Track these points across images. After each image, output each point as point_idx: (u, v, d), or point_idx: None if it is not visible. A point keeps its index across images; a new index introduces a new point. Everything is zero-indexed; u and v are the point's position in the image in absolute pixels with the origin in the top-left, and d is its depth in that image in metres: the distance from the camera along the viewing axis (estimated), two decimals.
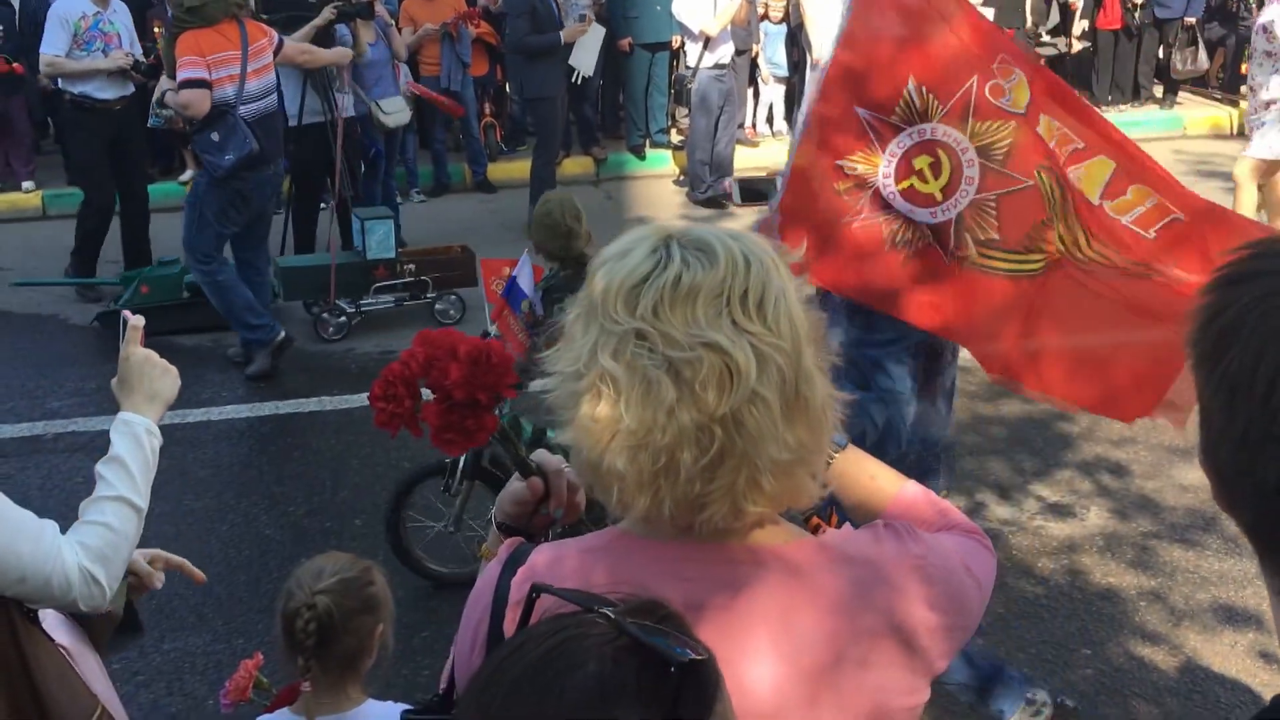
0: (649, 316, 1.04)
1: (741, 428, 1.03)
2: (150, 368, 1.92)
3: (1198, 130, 10.56)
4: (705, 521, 1.08)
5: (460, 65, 9.18)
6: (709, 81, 8.47)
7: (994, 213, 2.36)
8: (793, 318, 1.07)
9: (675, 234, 1.10)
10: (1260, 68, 6.37)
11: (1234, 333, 0.74)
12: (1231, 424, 0.74)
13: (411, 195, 9.25)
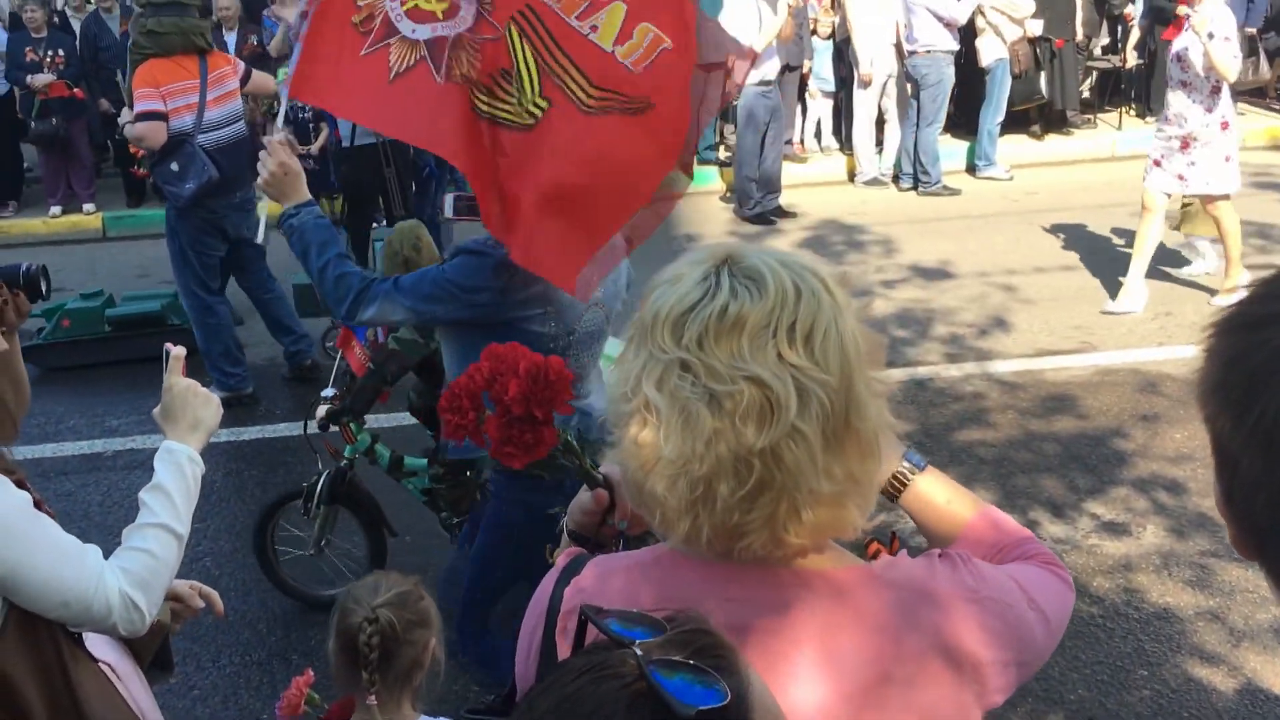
0: (693, 347, 1.03)
1: (780, 462, 1.02)
2: (193, 397, 1.96)
3: (1256, 141, 10.37)
4: (744, 549, 1.07)
5: None
6: (755, 98, 8.47)
7: (476, 53, 2.47)
8: (844, 348, 1.05)
9: (730, 260, 1.08)
10: (1175, 98, 6.13)
11: (1265, 380, 0.71)
12: (1271, 474, 0.71)
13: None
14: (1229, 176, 6.10)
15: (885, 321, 6.46)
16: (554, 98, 2.45)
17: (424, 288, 2.59)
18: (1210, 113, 5.98)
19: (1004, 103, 9.55)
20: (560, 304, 2.63)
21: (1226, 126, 6.03)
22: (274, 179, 2.61)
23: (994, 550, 1.34)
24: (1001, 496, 4.48)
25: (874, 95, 9.52)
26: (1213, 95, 5.97)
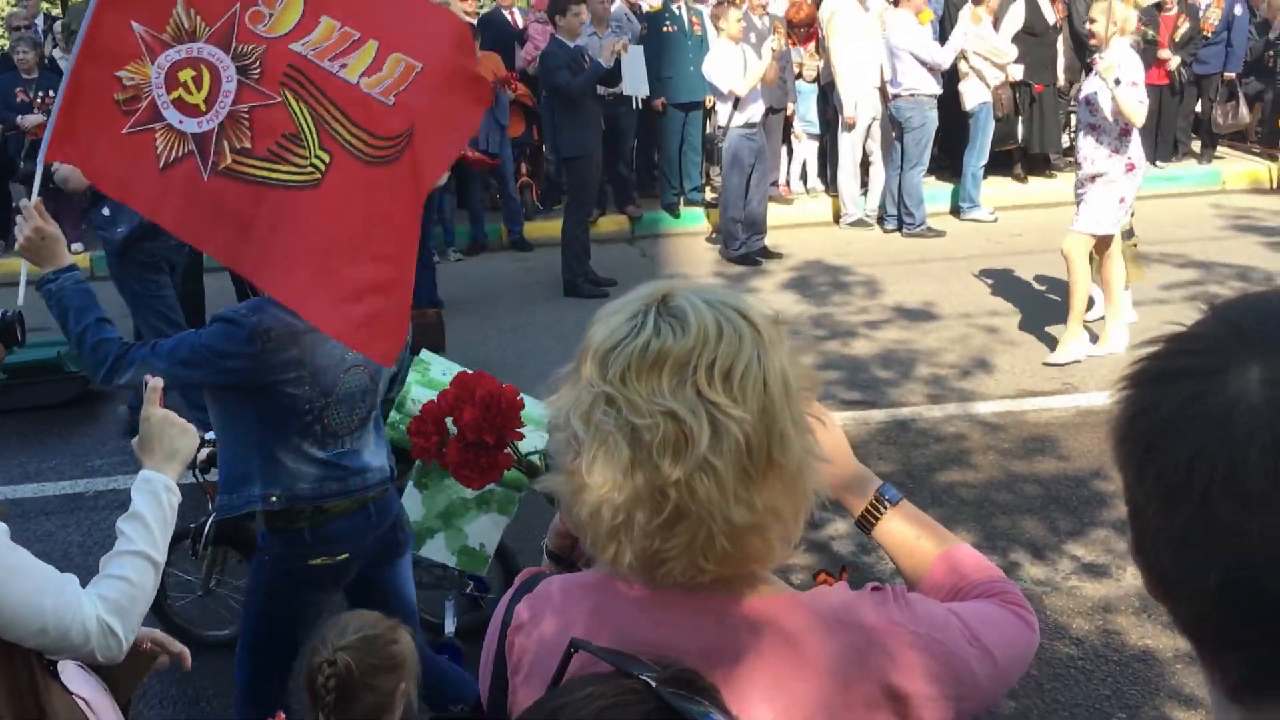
0: (617, 382, 1.08)
1: (694, 493, 1.06)
2: (169, 427, 2.00)
3: (1236, 184, 10.50)
4: (665, 575, 1.12)
5: (498, 127, 9.35)
6: (739, 140, 8.56)
7: (247, 123, 2.54)
8: (766, 386, 1.09)
9: (662, 298, 1.13)
10: (1085, 141, 6.16)
11: (1166, 433, 0.73)
12: (1170, 525, 0.73)
13: (449, 254, 9.39)
14: (1113, 217, 6.09)
15: (868, 362, 6.50)
16: (332, 149, 2.55)
17: (180, 353, 2.65)
18: (1116, 154, 6.01)
19: (987, 146, 9.66)
20: (315, 368, 2.69)
21: (1131, 169, 6.05)
22: (30, 244, 2.59)
23: (955, 588, 1.35)
24: (982, 538, 4.49)
25: (858, 138, 9.63)
26: (1120, 138, 6.00)
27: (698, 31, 9.80)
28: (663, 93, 9.71)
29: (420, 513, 3.42)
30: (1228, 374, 0.71)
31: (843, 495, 1.42)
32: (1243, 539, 0.68)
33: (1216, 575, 0.70)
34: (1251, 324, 0.73)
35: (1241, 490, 0.68)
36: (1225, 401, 0.70)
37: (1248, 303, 0.76)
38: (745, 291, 5.08)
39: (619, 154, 9.91)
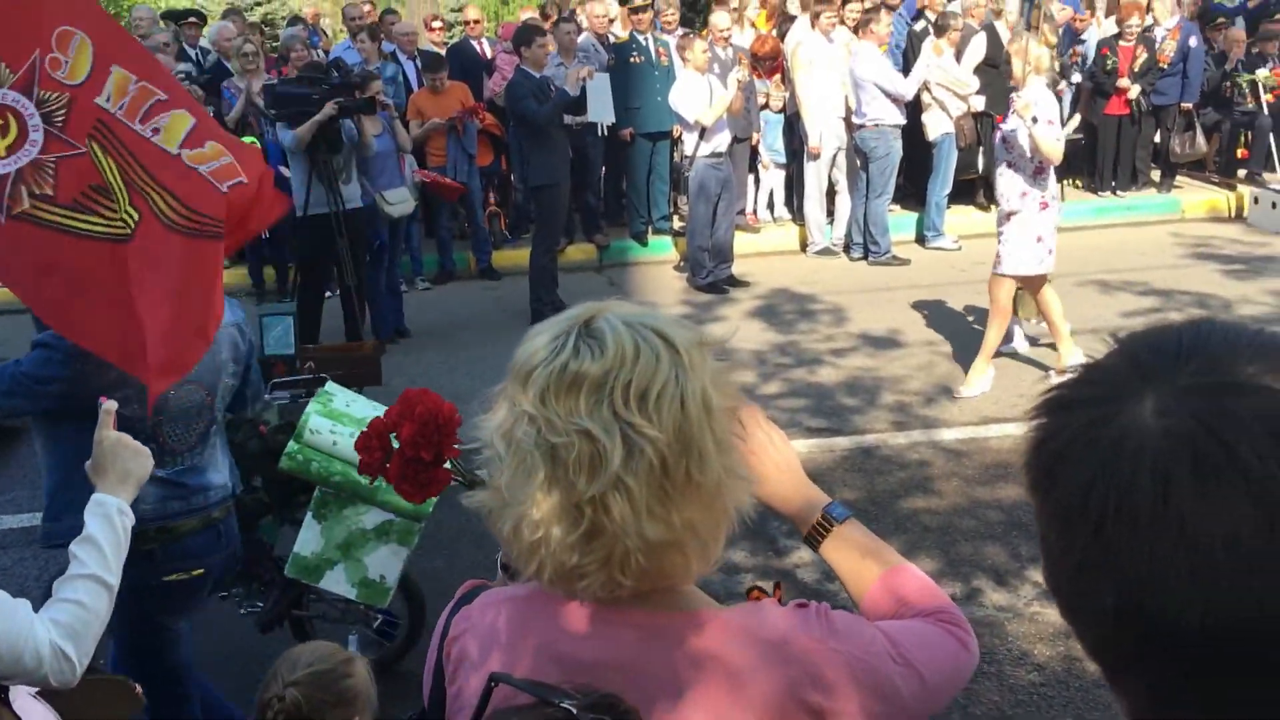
0: (537, 402, 1.12)
1: (608, 510, 1.10)
2: (122, 449, 2.00)
3: (1195, 213, 10.66)
4: (584, 589, 1.15)
5: (466, 157, 9.38)
6: (706, 169, 8.62)
7: (52, 172, 2.56)
8: (684, 406, 1.12)
9: (586, 319, 1.16)
10: (1001, 178, 6.19)
11: (1063, 461, 0.75)
12: (1068, 552, 0.75)
13: (416, 283, 9.38)
14: (1038, 258, 6.10)
15: (834, 390, 6.54)
16: (141, 208, 2.60)
17: (1, 384, 2.65)
18: (1030, 192, 6.04)
19: (950, 175, 9.78)
20: (141, 385, 2.69)
21: (1046, 207, 6.07)
22: None
23: (895, 607, 1.37)
24: (945, 564, 4.51)
25: (824, 167, 9.72)
26: (1036, 175, 6.03)
27: (664, 62, 9.88)
28: (631, 123, 9.77)
29: (319, 544, 3.39)
30: (1123, 404, 0.73)
31: (792, 513, 1.44)
32: (1134, 564, 0.70)
33: (1112, 600, 0.72)
34: (1148, 357, 0.76)
35: (1132, 516, 0.70)
36: (1119, 430, 0.72)
37: (1148, 336, 0.78)
38: (713, 320, 5.23)
39: (587, 183, 9.95)
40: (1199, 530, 0.68)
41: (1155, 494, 0.69)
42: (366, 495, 3.36)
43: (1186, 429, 0.70)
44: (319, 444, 3.33)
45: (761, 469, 1.41)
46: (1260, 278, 8.37)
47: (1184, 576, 0.68)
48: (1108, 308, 7.79)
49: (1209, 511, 0.68)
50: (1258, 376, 0.71)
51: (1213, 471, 0.68)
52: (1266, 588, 0.67)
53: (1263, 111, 10.66)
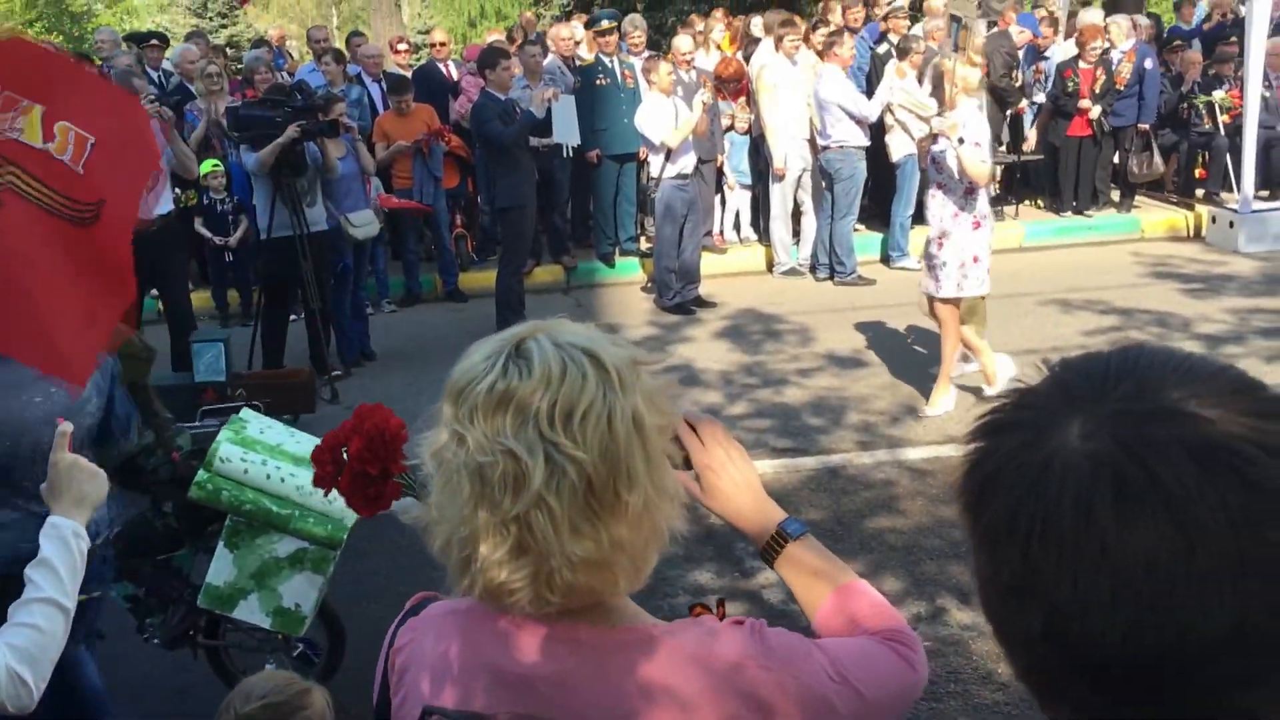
0: (466, 421, 1.14)
1: (531, 529, 1.12)
2: (78, 472, 1.98)
3: (1155, 233, 10.80)
4: (513, 605, 1.17)
5: (432, 179, 9.37)
6: (672, 191, 8.65)
7: None
8: (611, 426, 1.13)
9: (519, 339, 1.19)
10: (933, 200, 6.22)
11: (993, 484, 0.76)
12: (996, 575, 0.76)
13: (383, 305, 9.35)
14: (978, 279, 6.14)
15: (799, 410, 6.56)
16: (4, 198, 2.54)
17: None
18: (961, 213, 6.07)
19: (913, 196, 9.86)
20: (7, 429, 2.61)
21: (978, 226, 6.10)
22: None
23: (845, 623, 1.38)
24: (910, 584, 4.52)
25: (789, 188, 9.78)
26: (967, 196, 6.05)
27: (630, 84, 9.93)
28: (597, 145, 9.81)
29: (231, 573, 3.36)
30: (1051, 428, 0.74)
31: (749, 530, 1.45)
32: (1059, 587, 0.71)
33: (1039, 623, 0.73)
34: (1077, 382, 0.77)
35: (1056, 539, 0.71)
36: (1046, 454, 0.73)
37: (1078, 362, 0.79)
38: (680, 341, 5.24)
39: (554, 205, 9.96)
40: (1120, 553, 0.69)
41: (1078, 517, 0.70)
42: (279, 524, 3.33)
43: (1110, 453, 0.71)
44: (229, 472, 3.29)
45: (719, 485, 1.42)
46: (1219, 296, 8.48)
47: (1106, 599, 0.69)
48: (1070, 327, 7.87)
49: (1129, 535, 0.69)
50: (1182, 402, 0.72)
51: (1134, 495, 0.69)
52: (1186, 610, 0.68)
53: (1219, 132, 10.84)
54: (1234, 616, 0.68)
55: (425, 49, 14.03)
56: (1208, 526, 0.67)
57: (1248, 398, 0.73)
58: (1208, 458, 0.69)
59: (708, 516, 5.37)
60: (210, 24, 23.52)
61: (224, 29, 23.83)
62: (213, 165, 8.96)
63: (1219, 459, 0.69)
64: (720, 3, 16.65)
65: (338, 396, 7.06)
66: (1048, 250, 10.45)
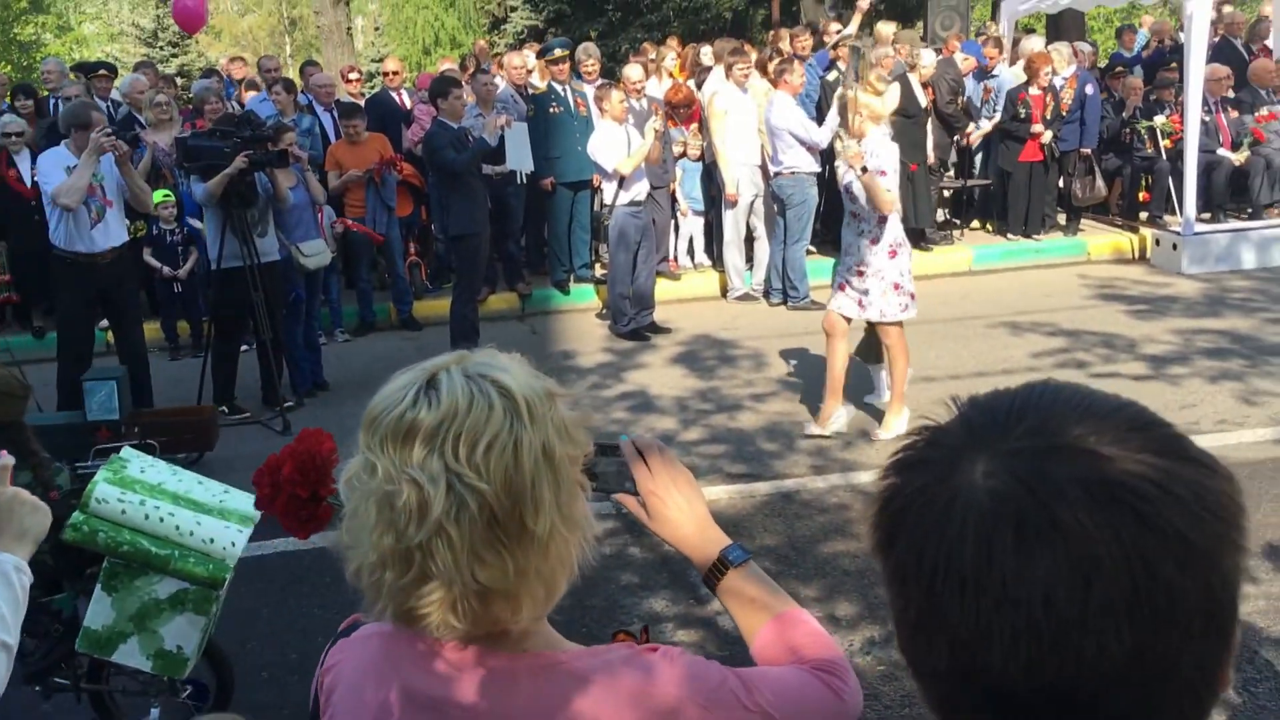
0: (376, 449, 1.17)
1: (434, 556, 1.14)
2: (19, 505, 1.95)
3: (1101, 255, 10.99)
4: (424, 630, 1.20)
5: (385, 208, 9.35)
6: (625, 218, 8.69)
7: None
8: (516, 457, 1.15)
9: (433, 371, 1.21)
10: (847, 228, 6.25)
11: (901, 521, 0.77)
12: (905, 612, 0.77)
13: (336, 334, 9.29)
14: (899, 304, 6.18)
15: (753, 435, 6.59)
16: None
17: None
18: (877, 243, 6.10)
19: None
20: None
21: (894, 254, 6.12)
22: None
23: (780, 652, 1.39)
24: (864, 608, 4.55)
25: (742, 214, 9.85)
26: (880, 225, 6.08)
27: (583, 112, 9.98)
28: (551, 172, 9.84)
29: (110, 616, 3.28)
30: (957, 466, 0.76)
31: (693, 556, 1.46)
32: (963, 623, 0.72)
33: (945, 660, 0.74)
34: (980, 420, 0.78)
35: (959, 576, 0.72)
36: (950, 492, 0.75)
37: (985, 401, 0.81)
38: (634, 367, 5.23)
39: (508, 232, 9.97)
40: (1019, 589, 0.70)
41: (979, 554, 0.72)
42: (159, 565, 3.25)
43: (1010, 491, 0.72)
44: (106, 513, 3.21)
45: (664, 511, 1.44)
46: (1164, 317, 8.64)
47: (1007, 635, 0.71)
48: (1019, 349, 7.98)
49: (1029, 571, 0.70)
50: (1082, 439, 0.73)
51: (1032, 532, 0.71)
52: (1084, 644, 0.69)
53: (1161, 157, 11.06)
54: (1130, 650, 0.69)
55: (378, 77, 14.01)
56: (1103, 563, 0.69)
57: (1145, 435, 0.74)
58: (1104, 495, 0.70)
59: (662, 544, 5.36)
60: (161, 53, 23.33)
61: (174, 58, 23.64)
62: (164, 195, 8.89)
63: (1115, 496, 0.70)
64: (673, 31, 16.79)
65: (290, 428, 6.99)
66: (996, 273, 10.60)
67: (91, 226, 6.46)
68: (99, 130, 6.21)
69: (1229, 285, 9.58)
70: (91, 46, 34.86)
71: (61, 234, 6.40)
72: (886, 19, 12.60)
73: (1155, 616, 0.69)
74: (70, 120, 6.46)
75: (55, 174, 6.34)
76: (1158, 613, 0.69)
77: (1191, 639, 0.71)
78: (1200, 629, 0.71)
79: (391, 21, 32.17)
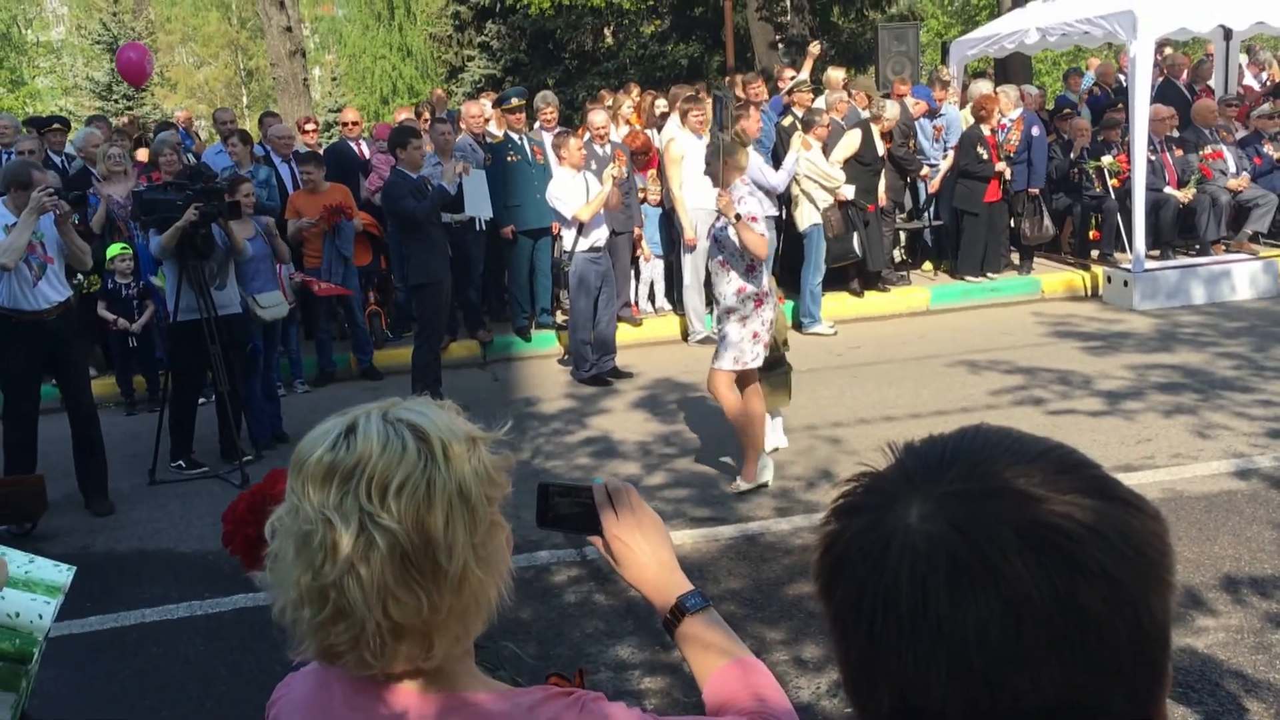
0: (300, 490, 1.22)
1: (346, 594, 1.18)
2: None
3: (1055, 292, 11.17)
4: (344, 665, 1.23)
5: (341, 259, 9.33)
6: (585, 264, 8.73)
7: None
8: (429, 498, 1.20)
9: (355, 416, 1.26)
10: (717, 276, 6.27)
11: (841, 565, 0.79)
12: (848, 654, 0.79)
13: (295, 385, 9.22)
14: (752, 352, 6.16)
15: (716, 478, 6.60)
16: None
17: None
18: (744, 291, 6.12)
19: (822, 263, 10.08)
20: None
21: (760, 304, 6.12)
22: None
23: (725, 701, 1.40)
24: (831, 650, 4.54)
25: (701, 258, 9.92)
26: (748, 273, 6.09)
27: (540, 160, 10.05)
28: (511, 220, 9.87)
29: None
30: (893, 510, 0.78)
31: (653, 599, 1.49)
32: (901, 664, 0.74)
33: (887, 700, 0.76)
34: (915, 465, 0.81)
35: (896, 618, 0.74)
36: (886, 535, 0.77)
37: (920, 446, 0.83)
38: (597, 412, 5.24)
39: (468, 279, 9.98)
40: (954, 629, 0.72)
41: (915, 596, 0.74)
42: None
43: (943, 533, 0.74)
44: None
45: (627, 555, 1.46)
46: (1117, 353, 8.78)
47: (944, 674, 0.72)
48: (977, 387, 8.07)
49: (962, 611, 0.72)
50: (1012, 481, 0.76)
51: (965, 573, 0.73)
52: (1018, 680, 0.71)
53: (1109, 195, 11.29)
54: (1063, 686, 0.71)
55: (335, 127, 14.03)
56: (1034, 603, 0.71)
57: (1073, 476, 0.77)
58: (1034, 537, 0.73)
59: (628, 591, 5.36)
60: (115, 106, 23.25)
61: (129, 110, 23.55)
62: (120, 249, 8.82)
63: (1044, 538, 0.73)
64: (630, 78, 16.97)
65: (248, 481, 6.91)
66: (953, 312, 10.73)
67: (33, 284, 6.37)
68: (40, 190, 6.14)
69: (1180, 320, 9.76)
70: (46, 101, 34.68)
71: (3, 292, 6.30)
72: (837, 64, 12.82)
73: (1086, 653, 0.71)
74: (10, 179, 6.37)
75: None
76: (1089, 650, 0.71)
77: (1123, 675, 0.73)
78: (1131, 665, 0.73)
79: (349, 71, 32.31)
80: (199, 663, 4.77)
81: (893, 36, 13.45)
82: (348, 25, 34.13)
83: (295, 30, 16.59)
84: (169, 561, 5.94)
